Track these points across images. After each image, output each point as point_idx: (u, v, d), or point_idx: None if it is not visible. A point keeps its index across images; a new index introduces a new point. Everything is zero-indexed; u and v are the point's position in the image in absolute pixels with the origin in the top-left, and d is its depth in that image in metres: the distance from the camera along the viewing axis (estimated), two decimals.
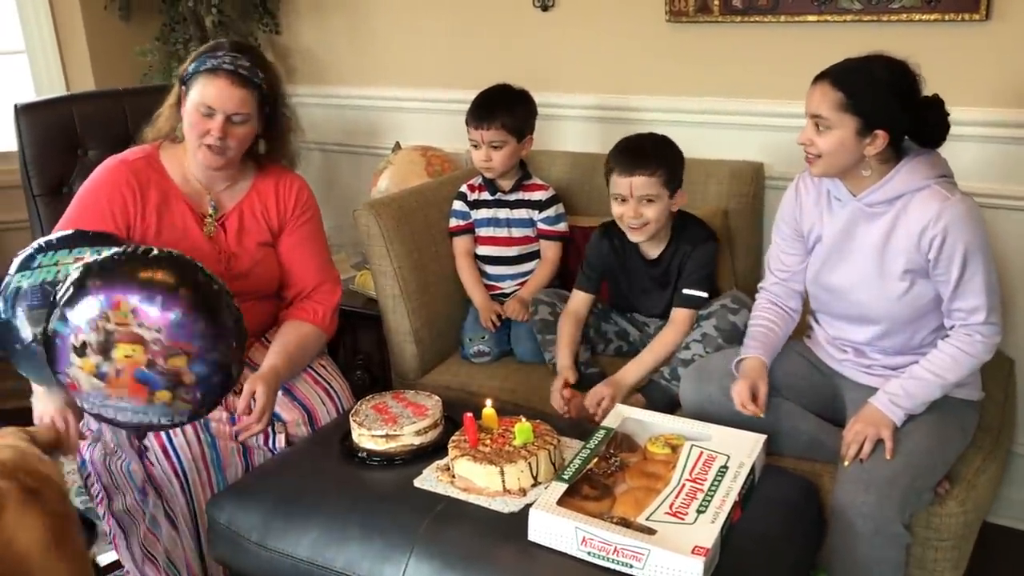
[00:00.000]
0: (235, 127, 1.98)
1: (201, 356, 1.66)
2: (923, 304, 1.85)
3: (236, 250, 2.10)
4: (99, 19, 3.30)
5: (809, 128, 1.82)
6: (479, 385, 2.38)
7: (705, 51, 2.62)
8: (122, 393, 1.66)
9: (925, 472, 1.79)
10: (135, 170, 2.04)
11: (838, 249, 1.92)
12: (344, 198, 3.51)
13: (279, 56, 3.52)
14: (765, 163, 2.57)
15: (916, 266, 1.81)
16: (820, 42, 2.40)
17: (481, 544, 1.60)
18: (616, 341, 2.42)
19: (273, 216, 2.15)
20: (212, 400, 1.76)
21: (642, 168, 2.13)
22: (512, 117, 2.46)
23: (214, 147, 1.97)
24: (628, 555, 1.48)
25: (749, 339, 2.01)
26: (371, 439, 1.86)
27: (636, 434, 1.86)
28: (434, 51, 3.14)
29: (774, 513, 1.71)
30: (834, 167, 1.83)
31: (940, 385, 1.82)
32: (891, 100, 1.75)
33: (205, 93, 1.94)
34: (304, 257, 2.18)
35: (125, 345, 1.63)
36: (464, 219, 2.60)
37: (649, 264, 2.30)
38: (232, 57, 1.96)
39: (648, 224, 2.18)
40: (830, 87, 1.77)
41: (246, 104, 1.97)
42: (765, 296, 2.08)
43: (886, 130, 1.75)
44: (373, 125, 3.38)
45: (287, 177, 2.19)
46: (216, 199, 2.11)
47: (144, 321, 1.62)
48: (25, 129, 2.47)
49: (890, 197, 1.82)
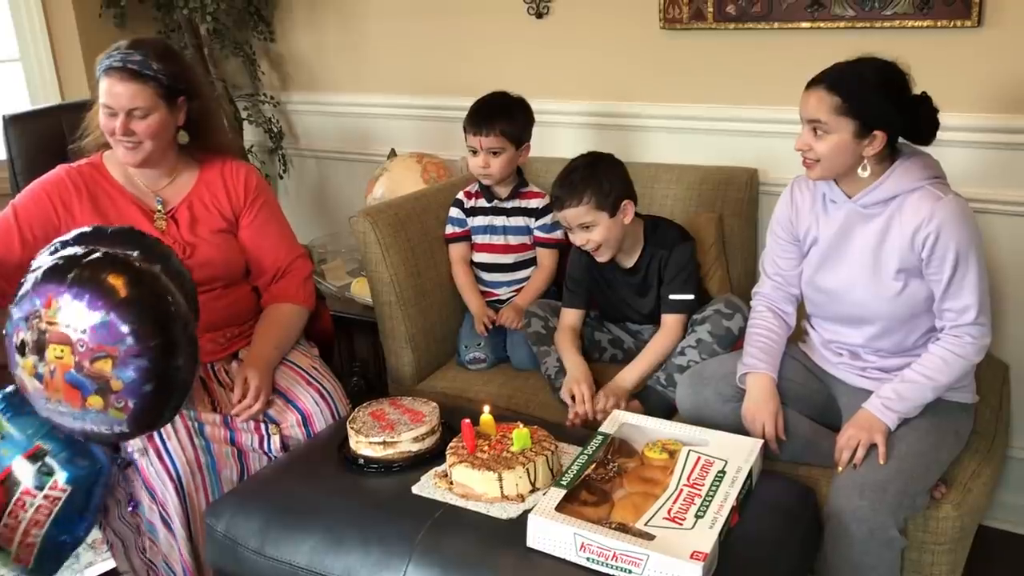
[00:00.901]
0: (138, 121, 2.00)
1: (125, 361, 1.60)
2: (917, 304, 1.86)
3: (191, 240, 2.12)
4: (94, 27, 3.30)
5: (806, 134, 1.83)
6: (475, 392, 2.38)
7: (699, 58, 2.63)
8: (59, 396, 1.64)
9: (919, 476, 1.79)
10: (80, 173, 2.11)
11: (834, 251, 1.93)
12: (339, 205, 3.52)
13: (274, 64, 3.53)
14: (759, 169, 2.58)
15: (909, 265, 1.83)
16: (813, 49, 2.40)
17: (480, 550, 1.60)
18: (611, 349, 2.43)
19: (225, 204, 2.18)
20: (151, 413, 1.68)
21: (569, 200, 2.18)
22: (511, 124, 2.47)
23: (126, 143, 2.02)
24: (627, 560, 1.49)
25: (753, 349, 2.01)
26: (369, 446, 1.86)
27: (633, 439, 1.87)
28: (429, 58, 3.15)
29: (772, 518, 1.71)
30: (832, 170, 1.85)
31: (932, 388, 1.83)
32: (885, 100, 1.77)
33: (103, 93, 2.00)
34: (267, 240, 2.21)
35: (55, 346, 1.60)
36: (460, 226, 2.60)
37: (626, 273, 2.32)
38: (124, 54, 1.98)
39: (599, 247, 2.21)
40: (825, 92, 1.78)
41: (140, 97, 1.98)
42: (762, 302, 2.09)
43: (883, 130, 1.77)
44: (368, 132, 3.38)
45: (231, 165, 2.22)
46: (161, 195, 2.14)
47: (71, 321, 1.59)
48: (14, 139, 2.47)
49: (885, 198, 1.83)
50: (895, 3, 2.30)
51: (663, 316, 2.26)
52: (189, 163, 2.18)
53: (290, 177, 3.63)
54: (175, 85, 2.03)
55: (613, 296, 2.37)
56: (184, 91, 2.06)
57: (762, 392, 1.94)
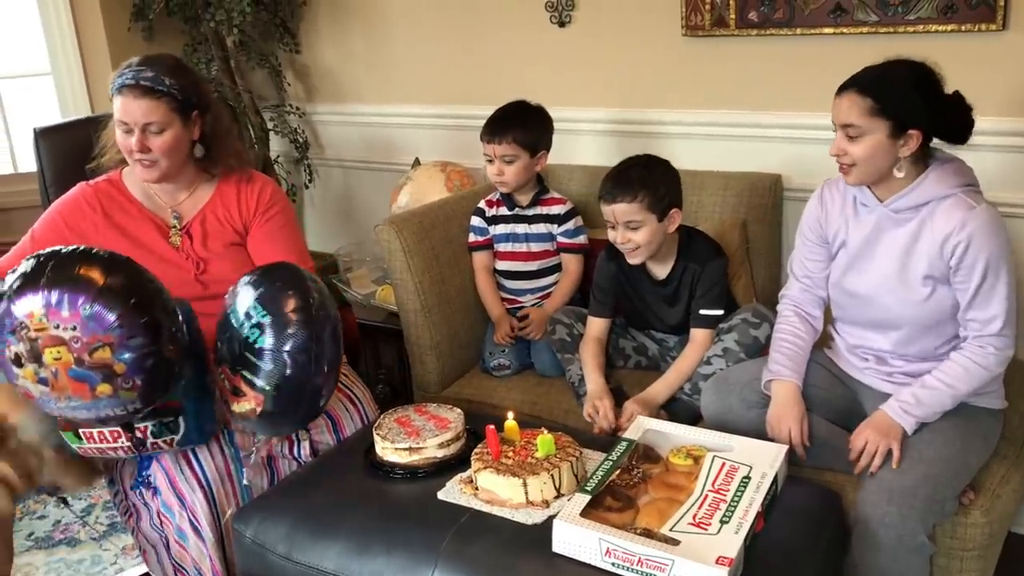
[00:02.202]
0: (154, 137, 2.00)
1: (123, 344, 1.62)
2: (944, 310, 1.85)
3: (204, 255, 2.12)
4: (123, 40, 3.35)
5: (840, 139, 1.82)
6: (500, 398, 2.39)
7: (722, 65, 2.63)
8: (68, 393, 1.66)
9: (947, 482, 1.78)
10: (97, 191, 2.11)
11: (863, 254, 1.92)
12: (364, 214, 3.55)
13: (299, 75, 3.57)
14: (783, 175, 2.57)
15: (938, 272, 1.82)
16: (837, 54, 2.41)
17: (505, 556, 1.61)
18: (635, 356, 2.43)
19: (236, 217, 2.16)
20: (160, 384, 1.71)
21: (622, 195, 2.15)
22: (524, 132, 2.47)
23: (143, 161, 2.02)
24: (652, 565, 1.49)
25: (778, 355, 2.00)
26: (394, 452, 1.87)
27: (658, 445, 1.87)
28: (452, 68, 3.17)
29: (797, 523, 1.71)
30: (869, 174, 1.83)
31: (951, 395, 1.82)
32: (919, 99, 1.76)
33: (117, 110, 2.00)
34: (271, 250, 2.16)
35: (50, 349, 1.62)
36: (482, 235, 2.62)
37: (658, 284, 2.31)
38: (135, 71, 1.98)
39: (639, 248, 2.19)
40: (858, 95, 1.77)
41: (154, 112, 1.98)
42: (789, 306, 2.08)
43: (918, 129, 1.76)
44: (392, 142, 3.41)
45: (248, 177, 2.21)
46: (178, 210, 2.15)
47: (59, 322, 1.60)
48: (44, 152, 2.52)
49: (917, 203, 1.83)
50: (919, 8, 2.29)
51: (693, 330, 2.25)
52: (207, 177, 2.17)
53: (316, 187, 3.67)
54: (189, 99, 2.03)
55: (641, 305, 2.37)
56: (197, 105, 2.06)
57: (787, 399, 1.94)
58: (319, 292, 1.80)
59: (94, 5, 3.31)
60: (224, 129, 2.17)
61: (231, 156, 2.17)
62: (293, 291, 1.76)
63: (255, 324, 1.74)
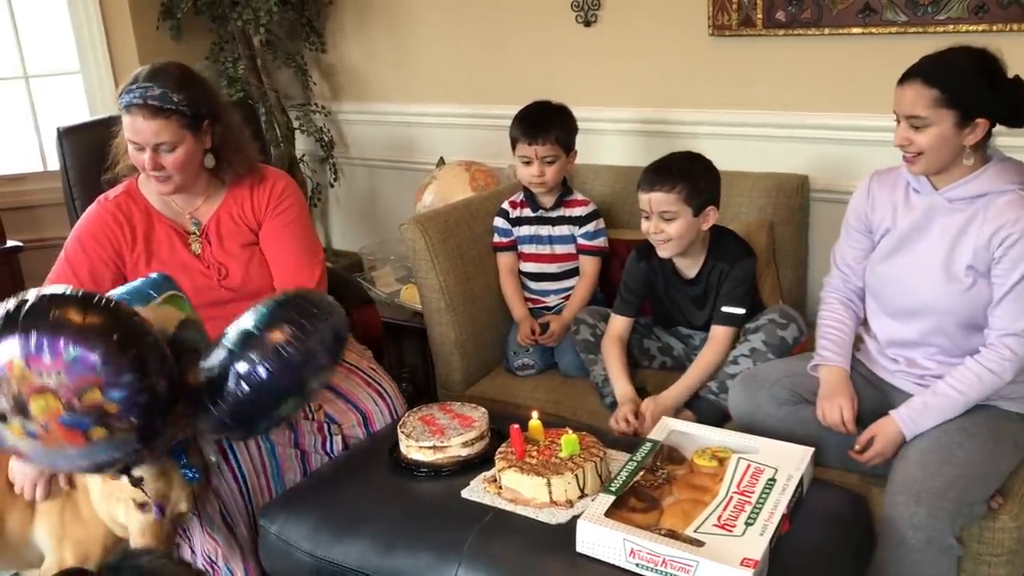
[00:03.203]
0: (166, 155, 1.98)
1: (111, 383, 1.49)
2: (980, 304, 1.83)
3: (223, 259, 2.12)
4: (151, 39, 3.39)
5: (904, 129, 1.80)
6: (524, 398, 2.39)
7: (748, 64, 2.62)
8: (61, 444, 1.52)
9: (977, 485, 1.76)
10: (118, 204, 2.10)
11: (907, 239, 1.91)
12: (389, 213, 3.56)
13: (325, 74, 3.58)
14: (810, 176, 2.56)
15: (981, 265, 1.80)
16: (865, 54, 2.39)
17: (529, 555, 1.61)
18: (660, 356, 2.42)
19: (250, 215, 2.15)
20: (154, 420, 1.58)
21: (661, 185, 2.14)
22: (563, 131, 2.49)
23: (157, 176, 2.00)
24: (676, 567, 1.48)
25: (825, 341, 2.01)
26: (419, 450, 1.88)
27: (682, 447, 1.86)
28: (477, 67, 3.18)
29: (823, 526, 1.70)
30: (936, 162, 1.81)
31: (963, 403, 1.82)
32: (985, 86, 1.74)
33: (127, 128, 1.97)
34: (281, 246, 2.15)
35: (36, 398, 1.48)
36: (506, 236, 2.62)
37: (687, 284, 2.30)
38: (143, 89, 1.94)
39: (671, 240, 2.18)
40: (922, 85, 1.75)
41: (165, 132, 1.95)
42: (831, 294, 2.08)
43: (985, 117, 1.75)
44: (416, 141, 3.42)
45: (262, 174, 2.18)
46: (196, 215, 2.14)
47: (41, 369, 1.47)
48: (68, 150, 2.53)
49: (973, 195, 1.81)
50: (949, 7, 2.27)
51: (713, 327, 2.24)
52: (220, 182, 2.15)
53: (340, 185, 3.68)
54: (198, 112, 2.00)
55: (669, 304, 2.36)
56: (207, 115, 2.03)
57: (838, 382, 1.94)
58: None
59: (123, 5, 3.34)
60: (235, 136, 2.13)
61: (242, 162, 2.14)
62: None
63: None
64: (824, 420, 1.93)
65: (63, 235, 2.18)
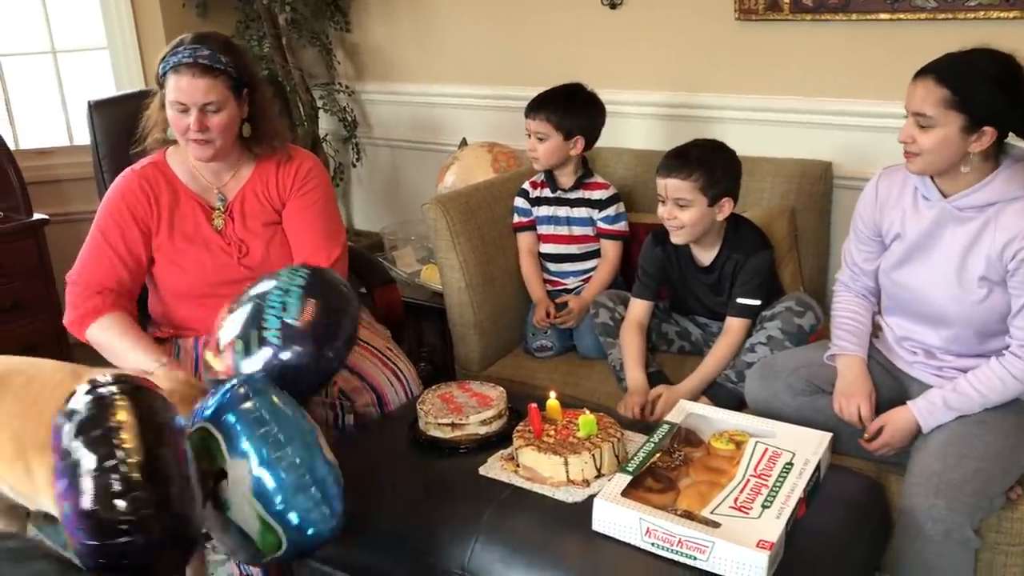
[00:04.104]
0: (212, 116, 2.00)
1: None
2: (999, 312, 1.81)
3: (244, 236, 2.13)
4: (177, 16, 3.39)
5: (910, 125, 1.76)
6: (541, 379, 2.40)
7: (774, 49, 2.60)
8: None
9: (997, 477, 1.76)
10: (145, 176, 2.11)
11: (919, 248, 1.88)
12: (411, 193, 3.57)
13: (349, 53, 3.59)
14: (834, 162, 2.54)
15: (995, 275, 1.77)
16: (893, 41, 2.37)
17: (545, 532, 1.62)
18: (678, 341, 2.42)
19: (275, 194, 2.16)
20: None
21: (678, 171, 2.14)
22: (559, 113, 2.45)
23: (199, 140, 2.01)
24: (692, 547, 1.49)
25: (841, 332, 1.99)
26: (437, 428, 1.89)
27: (700, 430, 1.86)
28: (502, 48, 3.17)
29: (839, 512, 1.70)
30: (934, 165, 1.78)
31: (981, 404, 1.80)
32: (998, 96, 1.69)
33: (174, 90, 1.97)
34: (300, 226, 2.16)
35: None
36: (525, 216, 2.62)
37: (702, 271, 2.29)
38: (191, 49, 1.96)
39: (683, 228, 2.17)
40: (934, 84, 1.71)
41: (213, 91, 1.98)
42: (843, 288, 2.07)
43: (994, 126, 1.70)
44: (440, 121, 3.42)
45: (289, 153, 2.20)
46: (222, 191, 2.15)
47: None
48: (98, 124, 2.54)
49: (983, 203, 1.77)
50: None
51: (728, 319, 2.23)
52: (249, 156, 2.17)
53: (363, 165, 3.69)
54: (241, 78, 2.03)
55: (684, 291, 2.36)
56: (247, 84, 2.06)
57: (856, 374, 1.93)
58: None
59: None
60: (270, 108, 2.16)
61: (275, 135, 2.16)
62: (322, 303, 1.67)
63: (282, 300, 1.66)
64: (842, 415, 1.92)
65: (89, 209, 2.19)
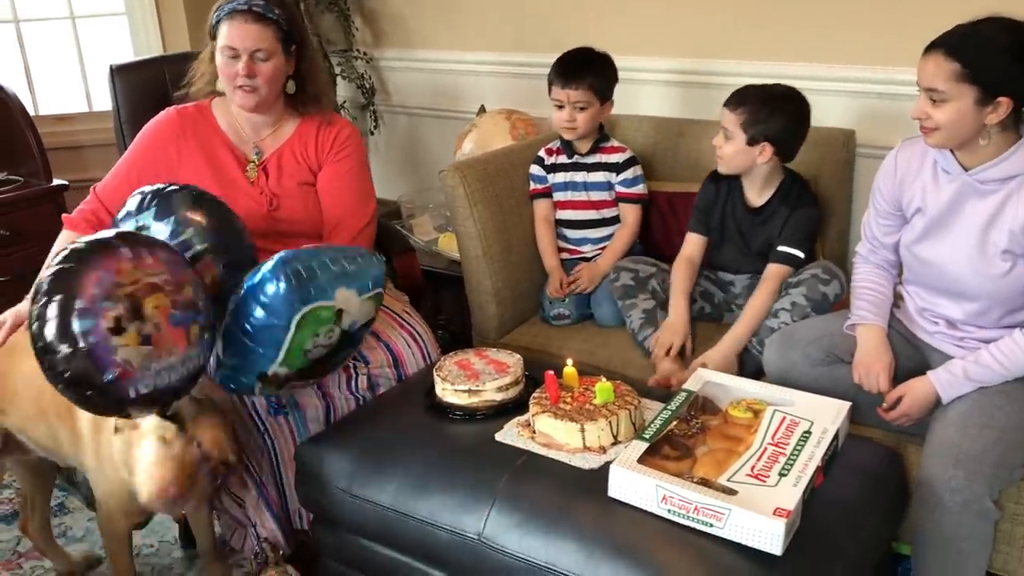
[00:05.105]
0: (260, 64, 2.05)
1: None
2: (1021, 286, 1.79)
3: (277, 191, 2.16)
4: None
5: (923, 101, 1.74)
6: (558, 347, 2.39)
7: (794, 15, 2.56)
8: (168, 347, 1.59)
9: (1016, 448, 1.74)
10: (185, 116, 2.18)
11: (940, 223, 1.86)
12: (429, 161, 3.56)
13: (368, 20, 3.57)
14: (856, 130, 2.51)
15: (1019, 248, 1.75)
16: (918, 6, 2.33)
17: (561, 498, 1.62)
18: (700, 301, 2.40)
19: (312, 156, 2.20)
20: None
21: (733, 105, 2.21)
22: (599, 79, 2.46)
23: (245, 87, 2.06)
24: (708, 514, 1.49)
25: (861, 302, 1.99)
26: (454, 394, 1.89)
27: (717, 398, 1.86)
28: (519, 15, 3.14)
29: (857, 481, 1.69)
30: (952, 139, 1.75)
31: (1003, 376, 1.79)
32: (1011, 65, 1.66)
33: (226, 36, 2.04)
34: (337, 190, 2.20)
35: (148, 298, 1.59)
36: (541, 183, 2.60)
37: (751, 212, 2.30)
38: None
39: (723, 159, 2.24)
40: (943, 58, 1.68)
41: (265, 38, 2.04)
42: (863, 260, 2.06)
43: (1009, 97, 1.67)
44: (458, 89, 3.40)
45: (330, 119, 2.25)
46: (260, 146, 2.19)
47: (147, 268, 1.60)
48: (120, 89, 2.55)
49: (1004, 176, 1.75)
50: None
51: (769, 265, 2.24)
52: (292, 115, 2.21)
53: (381, 133, 3.68)
54: (291, 32, 2.09)
55: (727, 233, 2.35)
56: (296, 39, 2.12)
57: (876, 344, 1.92)
58: None
59: None
60: (316, 67, 2.22)
61: (320, 95, 2.22)
62: None
63: None
64: (861, 385, 1.91)
65: None
